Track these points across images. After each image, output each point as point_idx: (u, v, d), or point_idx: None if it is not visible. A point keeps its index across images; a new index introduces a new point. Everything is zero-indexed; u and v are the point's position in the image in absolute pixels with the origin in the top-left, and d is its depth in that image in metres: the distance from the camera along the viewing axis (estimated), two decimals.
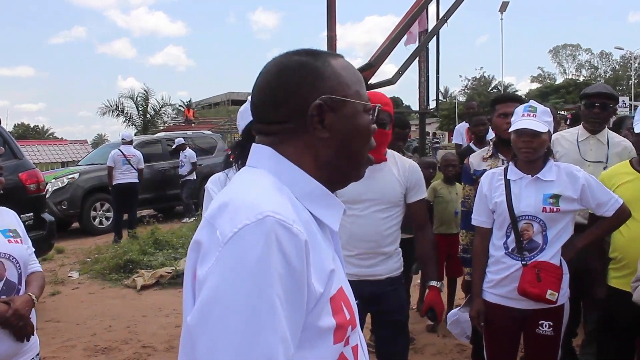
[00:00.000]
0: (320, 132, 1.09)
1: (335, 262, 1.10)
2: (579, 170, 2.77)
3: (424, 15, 8.21)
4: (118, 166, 10.19)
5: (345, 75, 1.13)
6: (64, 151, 33.79)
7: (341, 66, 1.14)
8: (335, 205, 1.13)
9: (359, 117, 1.13)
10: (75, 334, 5.35)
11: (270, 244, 0.91)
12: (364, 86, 1.18)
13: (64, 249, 9.57)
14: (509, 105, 3.33)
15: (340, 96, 1.10)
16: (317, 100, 1.08)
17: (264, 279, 0.90)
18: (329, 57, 1.14)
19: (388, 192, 2.86)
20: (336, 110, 1.10)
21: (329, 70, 1.11)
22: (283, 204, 0.99)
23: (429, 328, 5.01)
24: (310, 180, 1.09)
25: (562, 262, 2.76)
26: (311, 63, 1.11)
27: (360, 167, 1.17)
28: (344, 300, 1.06)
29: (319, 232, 1.06)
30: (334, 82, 1.11)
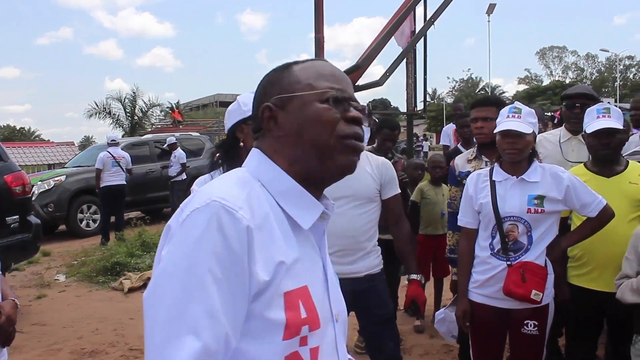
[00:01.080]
0: (275, 132, 1.16)
1: (305, 260, 1.11)
2: (563, 172, 2.80)
3: (412, 17, 8.23)
4: (107, 168, 10.15)
5: (298, 74, 1.17)
6: (51, 153, 33.51)
7: (300, 67, 1.19)
8: (310, 205, 1.15)
9: (308, 107, 1.14)
10: (61, 337, 5.32)
11: (211, 225, 0.98)
12: (330, 77, 1.18)
13: (51, 251, 9.51)
14: (477, 110, 3.41)
15: (287, 94, 1.15)
16: (265, 103, 1.17)
17: (198, 256, 0.97)
18: (294, 65, 1.21)
19: (362, 187, 2.93)
20: (285, 108, 1.15)
21: (285, 75, 1.19)
22: (236, 193, 1.05)
23: (417, 329, 5.03)
24: (286, 178, 1.13)
25: (547, 262, 2.78)
26: (274, 74, 1.21)
27: (333, 156, 1.14)
28: (305, 299, 1.07)
29: (284, 227, 1.09)
30: (284, 84, 1.17)
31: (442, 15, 7.99)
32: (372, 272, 2.99)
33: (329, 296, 1.18)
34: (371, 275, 2.98)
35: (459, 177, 3.43)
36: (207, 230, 0.98)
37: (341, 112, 1.15)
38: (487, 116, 3.31)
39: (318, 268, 1.18)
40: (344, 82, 1.20)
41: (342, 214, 2.91)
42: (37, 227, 6.31)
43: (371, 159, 3.05)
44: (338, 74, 1.20)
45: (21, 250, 6.26)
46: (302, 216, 1.13)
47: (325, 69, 1.20)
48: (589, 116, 3.04)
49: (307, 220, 1.13)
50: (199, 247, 0.98)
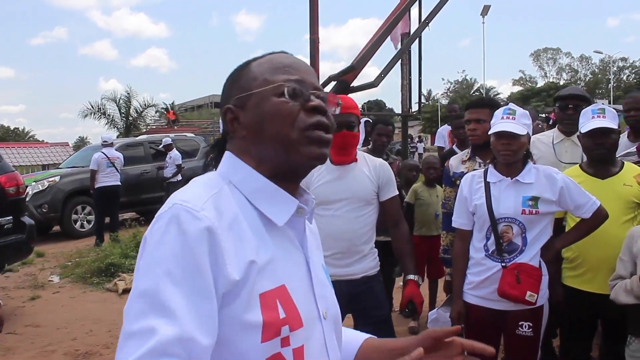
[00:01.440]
0: (238, 132, 1.16)
1: (282, 259, 1.10)
2: (557, 173, 2.81)
3: (407, 18, 8.24)
4: (102, 169, 10.12)
5: (255, 71, 1.17)
6: (45, 154, 33.39)
7: (256, 63, 1.18)
8: (284, 201, 1.13)
9: (265, 102, 1.12)
10: (55, 339, 5.30)
11: (170, 227, 0.99)
12: (287, 69, 1.15)
13: (45, 252, 9.48)
14: (471, 111, 3.42)
15: (245, 92, 1.15)
16: (226, 105, 1.18)
17: (157, 260, 0.97)
18: (253, 61, 1.20)
19: (360, 190, 2.94)
20: (245, 107, 1.15)
21: (243, 74, 1.18)
22: (200, 195, 1.04)
23: (411, 330, 5.03)
24: (258, 177, 1.13)
25: (542, 263, 2.79)
26: (234, 74, 1.21)
27: (294, 148, 1.11)
28: (283, 298, 1.05)
29: (256, 226, 1.08)
30: (242, 83, 1.17)
31: (437, 17, 8.00)
32: (368, 274, 3.00)
33: (314, 293, 1.16)
34: (368, 277, 3.00)
35: (453, 177, 3.44)
36: (166, 232, 0.98)
37: (301, 103, 1.13)
38: (479, 118, 3.32)
39: (299, 265, 1.16)
40: (304, 71, 1.18)
41: (339, 217, 2.92)
42: (31, 228, 6.28)
43: (369, 161, 3.06)
44: (296, 64, 1.18)
45: (15, 251, 6.23)
46: (276, 213, 1.11)
47: (282, 60, 1.18)
48: (584, 117, 3.05)
49: (282, 217, 1.12)
50: (158, 250, 0.98)
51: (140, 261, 1.01)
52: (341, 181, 2.95)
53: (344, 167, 2.98)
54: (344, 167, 2.98)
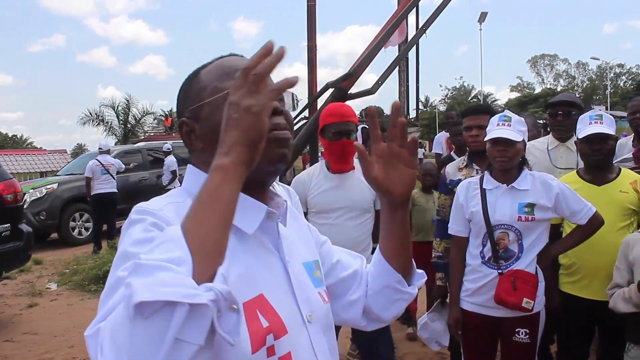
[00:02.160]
0: (196, 145, 1.14)
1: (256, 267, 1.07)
2: (553, 179, 2.82)
3: (404, 25, 8.28)
4: (97, 176, 10.12)
5: (203, 79, 1.14)
6: (43, 161, 33.41)
7: (205, 71, 1.16)
8: (250, 209, 1.09)
9: (217, 112, 1.05)
10: (52, 347, 5.28)
11: (131, 223, 0.99)
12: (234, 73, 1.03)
13: (42, 260, 9.47)
14: (471, 118, 3.39)
15: (197, 103, 1.12)
16: (179, 119, 1.15)
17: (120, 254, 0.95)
18: (201, 69, 1.17)
19: (359, 199, 2.95)
20: (198, 118, 1.12)
21: (193, 84, 1.16)
22: (159, 202, 1.06)
23: (409, 336, 5.03)
24: None
25: (538, 270, 2.80)
26: (185, 85, 1.18)
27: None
28: (263, 307, 1.03)
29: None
30: (193, 94, 1.14)
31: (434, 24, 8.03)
32: None
33: (295, 298, 1.13)
34: None
35: (450, 185, 3.44)
36: (128, 227, 0.99)
37: None
38: (482, 124, 3.31)
39: (277, 271, 1.13)
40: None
41: (337, 225, 2.93)
42: (28, 235, 6.28)
43: None
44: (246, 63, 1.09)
45: (12, 259, 6.22)
46: (244, 222, 1.07)
47: (230, 64, 1.14)
48: (582, 122, 3.06)
49: (251, 225, 1.08)
50: (121, 246, 0.96)
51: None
52: (339, 190, 2.96)
53: (342, 175, 2.99)
54: (342, 176, 2.99)
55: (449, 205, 3.18)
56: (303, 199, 2.83)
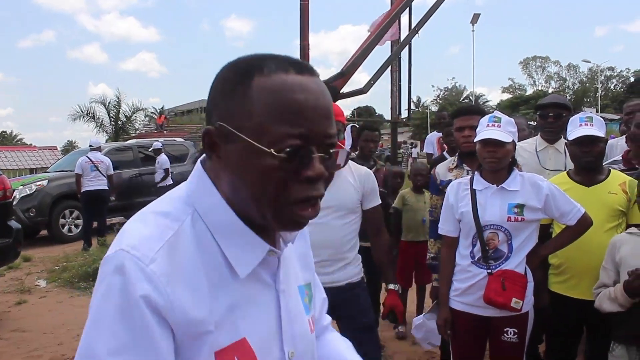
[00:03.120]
0: (215, 163, 0.98)
1: (245, 306, 0.98)
2: (542, 180, 2.84)
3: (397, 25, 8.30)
4: (86, 173, 10.07)
5: (254, 100, 0.91)
6: (33, 157, 33.20)
7: (260, 87, 0.91)
8: (251, 244, 0.97)
9: (252, 157, 0.90)
10: (41, 344, 5.25)
11: (114, 279, 0.88)
12: (294, 118, 0.90)
13: (32, 257, 9.41)
14: (463, 119, 3.40)
15: (234, 126, 0.92)
16: (209, 125, 0.96)
17: (101, 315, 0.89)
18: (257, 73, 0.92)
19: (345, 199, 2.96)
20: (227, 140, 0.93)
21: (239, 91, 0.93)
22: (152, 242, 0.91)
23: (399, 335, 5.06)
24: (225, 209, 0.97)
25: (527, 270, 2.82)
26: (227, 78, 0.96)
27: (277, 217, 0.93)
28: (242, 353, 0.95)
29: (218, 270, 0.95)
30: (235, 106, 0.93)
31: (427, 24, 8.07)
32: (352, 280, 3.02)
33: (281, 336, 1.04)
34: (352, 283, 3.01)
35: (441, 185, 3.45)
36: (110, 286, 0.88)
37: (296, 168, 0.91)
38: (473, 125, 3.31)
39: (267, 307, 1.02)
40: (315, 117, 0.91)
41: (324, 225, 2.93)
42: (17, 232, 6.24)
43: (354, 169, 3.07)
44: (310, 101, 0.91)
45: (1, 256, 6.18)
46: (238, 259, 0.96)
47: (293, 95, 0.90)
48: (572, 124, 3.09)
49: (245, 265, 0.97)
50: (102, 305, 0.89)
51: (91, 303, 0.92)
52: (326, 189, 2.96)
53: None
54: None
55: (440, 205, 3.20)
56: None
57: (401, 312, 3.11)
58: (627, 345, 2.68)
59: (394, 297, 3.06)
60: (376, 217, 3.12)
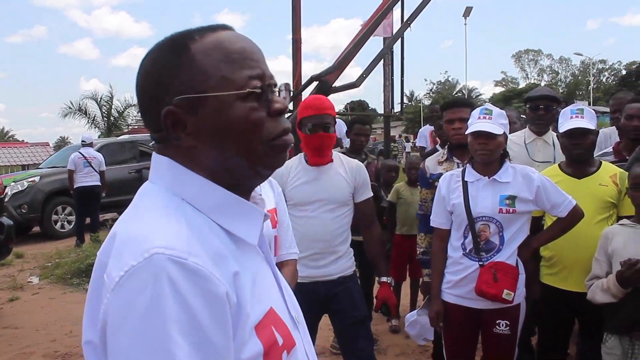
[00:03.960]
0: (185, 142, 0.94)
1: (260, 277, 0.96)
2: (534, 172, 2.85)
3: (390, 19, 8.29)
4: (79, 169, 10.00)
5: (204, 62, 0.93)
6: (25, 154, 33.00)
7: (201, 50, 0.93)
8: (249, 213, 0.97)
9: (228, 110, 0.92)
10: (34, 340, 5.24)
11: (161, 287, 0.78)
12: (244, 58, 0.95)
13: (24, 253, 9.36)
14: (453, 111, 3.40)
15: (196, 92, 0.92)
16: (166, 107, 0.92)
17: (156, 331, 0.76)
18: (189, 42, 0.94)
19: (336, 192, 2.95)
20: (196, 112, 0.92)
21: (182, 62, 0.93)
22: (175, 232, 0.85)
23: (392, 329, 5.06)
24: (215, 189, 0.94)
25: (519, 262, 2.82)
26: (162, 59, 0.95)
27: (262, 161, 0.96)
28: (276, 322, 0.94)
29: (230, 248, 0.92)
30: (187, 76, 0.93)
31: (419, 18, 8.06)
32: (344, 274, 3.02)
33: (285, 302, 1.04)
34: (344, 277, 3.02)
35: (431, 179, 3.44)
36: (158, 294, 0.77)
37: (265, 105, 0.95)
38: (463, 117, 3.31)
39: (270, 276, 1.04)
40: (259, 57, 0.98)
41: (315, 218, 2.94)
42: (9, 228, 6.21)
43: (345, 162, 3.06)
44: (249, 47, 0.97)
45: None
46: (245, 230, 0.95)
47: (234, 47, 0.95)
48: (563, 116, 3.10)
49: (253, 233, 0.97)
50: (152, 319, 0.77)
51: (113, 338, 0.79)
52: (317, 182, 2.96)
53: (320, 168, 2.99)
54: (320, 169, 2.99)
55: (430, 199, 3.20)
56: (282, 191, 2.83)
57: (394, 304, 3.12)
58: (619, 336, 2.69)
59: (387, 289, 3.06)
60: (368, 210, 3.12)
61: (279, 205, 2.21)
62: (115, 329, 0.79)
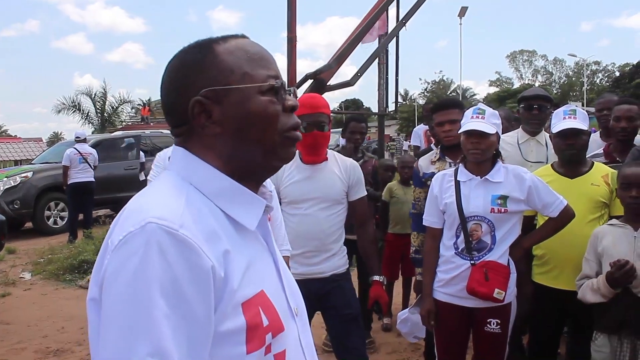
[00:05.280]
0: (210, 129, 1.05)
1: (256, 262, 1.04)
2: (526, 172, 2.86)
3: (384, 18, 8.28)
4: (74, 165, 9.98)
5: (228, 60, 1.06)
6: (18, 149, 32.90)
7: (225, 50, 1.07)
8: (252, 202, 1.07)
9: (250, 101, 1.04)
10: (25, 336, 5.23)
11: (150, 252, 0.87)
12: (262, 61, 1.08)
13: (16, 249, 9.34)
14: (442, 113, 3.41)
15: (222, 85, 1.04)
16: (195, 97, 1.04)
17: (140, 290, 0.85)
18: (214, 44, 1.08)
19: (330, 190, 2.97)
20: (221, 102, 1.04)
21: (209, 60, 1.06)
22: (174, 207, 0.94)
23: (384, 327, 5.08)
24: (221, 177, 1.04)
25: (510, 261, 2.84)
26: (190, 58, 1.08)
27: (274, 151, 1.08)
28: (265, 304, 1.00)
29: (228, 231, 1.00)
30: (213, 72, 1.05)
31: (415, 17, 8.06)
32: (337, 272, 3.03)
33: (284, 292, 1.11)
34: (337, 275, 3.03)
35: (424, 178, 3.46)
36: (146, 258, 0.87)
37: (281, 100, 1.08)
38: (452, 118, 3.33)
39: (270, 265, 1.11)
40: (274, 63, 1.12)
41: (309, 216, 2.95)
42: (1, 224, 6.21)
43: (339, 160, 3.08)
44: (266, 53, 1.11)
45: None
46: (245, 216, 1.04)
47: (254, 50, 1.09)
48: (556, 117, 3.12)
49: (252, 219, 1.06)
50: (138, 280, 0.86)
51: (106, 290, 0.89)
52: (312, 181, 2.97)
53: (315, 166, 3.00)
54: (315, 167, 3.00)
55: (423, 198, 3.21)
56: (276, 189, 2.84)
57: (386, 303, 3.13)
58: (609, 334, 2.72)
59: (379, 288, 3.08)
60: (362, 208, 3.13)
61: (273, 203, 2.22)
62: (108, 286, 0.89)
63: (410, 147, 28.45)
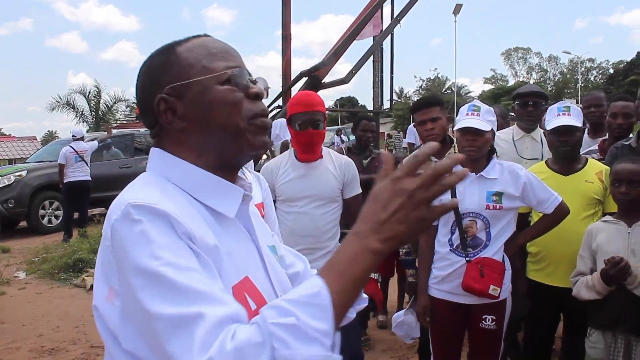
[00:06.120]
0: (177, 124, 1.09)
1: (239, 250, 1.08)
2: (520, 169, 2.87)
3: (379, 16, 8.29)
4: (70, 163, 9.94)
5: (187, 57, 1.10)
6: (12, 148, 32.71)
7: (186, 49, 1.12)
8: (229, 192, 1.10)
9: (209, 92, 1.08)
10: (20, 335, 5.21)
11: (135, 225, 0.93)
12: (222, 54, 1.12)
13: (10, 248, 9.32)
14: (422, 112, 3.37)
15: (182, 80, 1.09)
16: (158, 95, 1.09)
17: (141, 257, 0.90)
18: (176, 45, 1.13)
19: (325, 188, 2.97)
20: (183, 97, 1.09)
21: (171, 60, 1.11)
22: (149, 192, 1.00)
23: (379, 324, 5.08)
24: (195, 170, 1.08)
25: (505, 258, 2.85)
26: (155, 61, 1.14)
27: (243, 137, 1.09)
28: (250, 290, 1.05)
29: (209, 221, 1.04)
30: (175, 70, 1.10)
31: (409, 15, 8.08)
32: None
33: (270, 280, 1.14)
34: None
35: None
36: (130, 224, 0.93)
37: (243, 91, 1.10)
38: (433, 116, 3.30)
39: (253, 254, 1.15)
40: (236, 56, 1.15)
41: (304, 214, 2.95)
42: None
43: (334, 158, 3.08)
44: (228, 48, 1.15)
45: None
46: (224, 205, 1.08)
47: (214, 45, 1.13)
48: (550, 114, 3.13)
49: (231, 208, 1.09)
50: (136, 249, 0.91)
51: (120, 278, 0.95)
52: (307, 179, 2.97)
53: (310, 164, 3.00)
54: (310, 165, 3.00)
55: None
56: (271, 187, 2.84)
57: (380, 300, 3.13)
58: (603, 331, 2.73)
59: (373, 285, 3.08)
60: (357, 206, 3.12)
61: (266, 200, 2.23)
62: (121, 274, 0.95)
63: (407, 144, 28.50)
